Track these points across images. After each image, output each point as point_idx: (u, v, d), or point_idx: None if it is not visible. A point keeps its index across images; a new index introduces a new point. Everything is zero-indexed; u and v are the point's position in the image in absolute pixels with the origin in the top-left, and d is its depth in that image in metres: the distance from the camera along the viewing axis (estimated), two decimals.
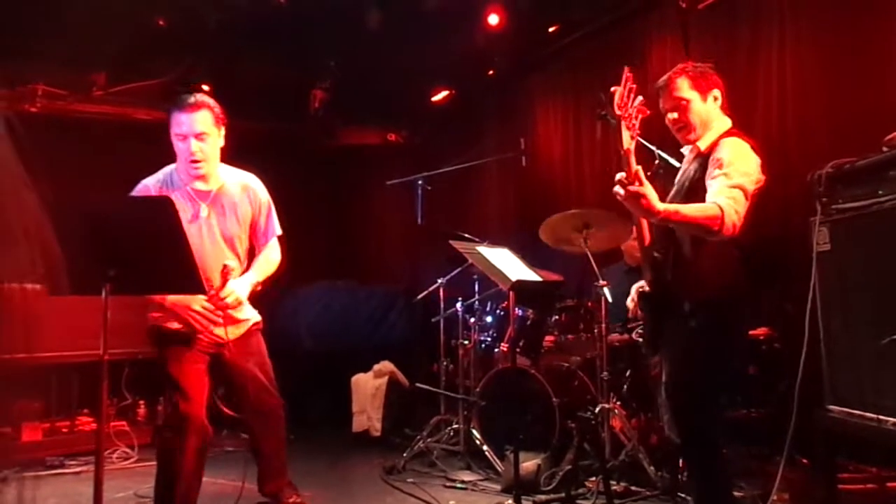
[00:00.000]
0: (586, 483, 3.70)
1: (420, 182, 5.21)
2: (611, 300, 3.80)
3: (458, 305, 4.86)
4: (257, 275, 3.13)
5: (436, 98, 7.09)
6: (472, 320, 4.86)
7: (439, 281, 4.95)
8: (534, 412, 4.09)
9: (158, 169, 3.06)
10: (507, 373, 4.21)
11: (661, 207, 2.26)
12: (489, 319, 4.95)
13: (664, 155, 3.12)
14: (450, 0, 5.19)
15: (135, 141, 2.83)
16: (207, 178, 3.00)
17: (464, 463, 4.37)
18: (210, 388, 3.03)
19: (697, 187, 2.52)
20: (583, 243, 3.86)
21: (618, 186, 2.25)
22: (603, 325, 3.93)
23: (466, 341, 4.88)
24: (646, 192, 2.23)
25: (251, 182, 3.17)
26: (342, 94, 6.56)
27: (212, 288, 2.90)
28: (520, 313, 4.48)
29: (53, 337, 4.55)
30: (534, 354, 4.43)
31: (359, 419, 5.36)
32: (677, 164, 2.89)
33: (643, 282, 2.78)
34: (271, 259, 3.24)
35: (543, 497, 3.62)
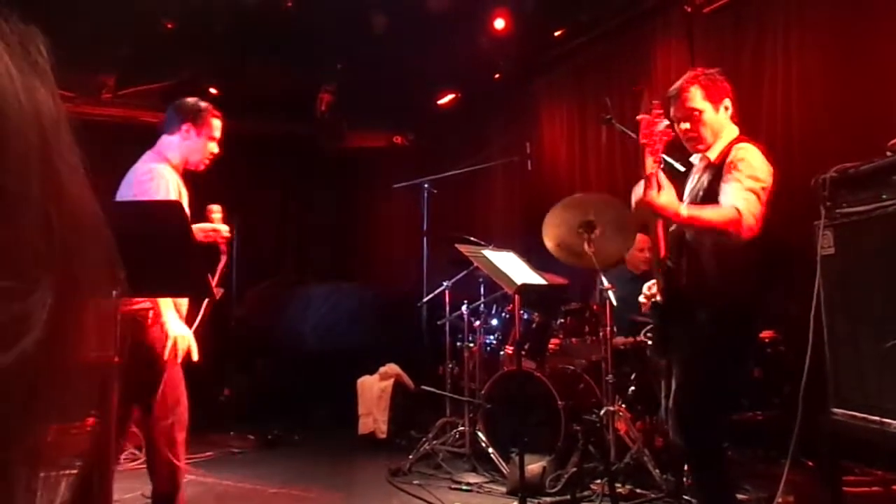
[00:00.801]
0: (591, 486, 3.71)
1: (426, 185, 5.23)
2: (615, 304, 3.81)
3: (464, 308, 4.87)
4: None
5: (442, 101, 7.10)
6: (477, 323, 4.88)
7: (445, 284, 4.97)
8: (539, 415, 4.10)
9: None
10: (513, 375, 4.23)
11: (686, 212, 2.33)
12: (494, 322, 4.96)
13: (668, 158, 3.13)
14: (456, 4, 5.22)
15: (143, 144, 2.84)
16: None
17: (469, 465, 4.38)
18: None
19: (711, 197, 2.56)
20: (586, 247, 3.86)
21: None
22: (608, 329, 3.94)
23: (472, 344, 4.89)
24: (670, 198, 2.31)
25: None
26: (349, 96, 6.59)
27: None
28: (525, 316, 4.49)
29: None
30: (539, 357, 4.44)
31: (365, 421, 5.37)
32: (680, 168, 2.90)
33: (653, 282, 2.81)
34: None
35: (548, 499, 3.63)
